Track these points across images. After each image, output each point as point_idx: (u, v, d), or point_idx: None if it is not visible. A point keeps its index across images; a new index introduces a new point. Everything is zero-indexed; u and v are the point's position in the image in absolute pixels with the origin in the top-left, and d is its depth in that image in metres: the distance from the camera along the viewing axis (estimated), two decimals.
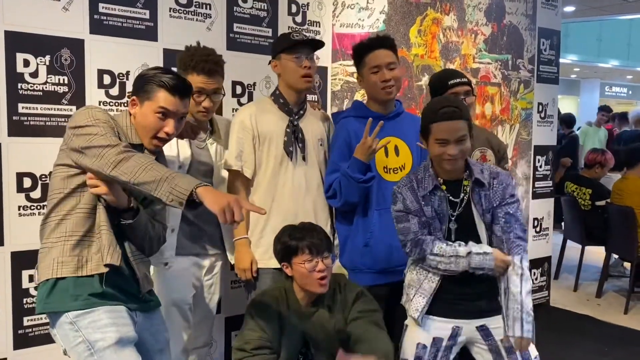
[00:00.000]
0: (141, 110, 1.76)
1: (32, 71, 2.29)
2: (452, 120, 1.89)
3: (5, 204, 2.27)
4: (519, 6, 4.05)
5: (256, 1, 2.84)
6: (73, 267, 1.66)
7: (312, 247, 2.03)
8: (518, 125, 4.14)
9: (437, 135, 1.90)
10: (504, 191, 2.00)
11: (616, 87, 20.94)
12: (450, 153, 1.90)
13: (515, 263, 1.94)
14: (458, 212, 1.99)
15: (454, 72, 2.59)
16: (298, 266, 2.03)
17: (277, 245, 2.10)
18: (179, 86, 1.76)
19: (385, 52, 2.26)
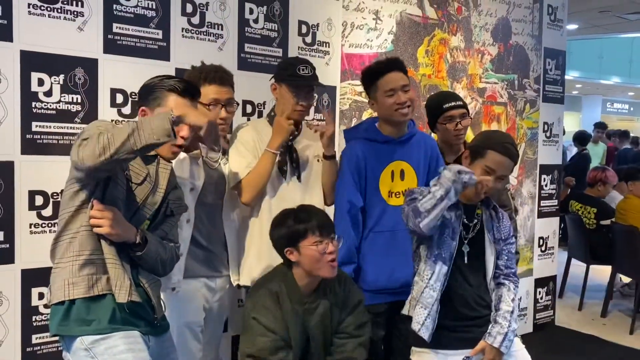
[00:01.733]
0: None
1: (46, 90, 2.31)
2: (509, 157, 1.98)
3: (17, 221, 2.28)
4: (525, 27, 4.09)
5: (267, 22, 2.88)
6: (84, 288, 1.65)
7: (322, 228, 1.96)
8: (524, 144, 4.16)
9: (490, 163, 1.97)
10: (509, 229, 2.12)
11: (617, 103, 21.02)
12: (490, 185, 1.95)
13: (510, 288, 2.09)
14: (471, 236, 2.04)
15: (450, 94, 2.66)
16: (308, 249, 1.94)
17: (280, 230, 2.01)
18: (189, 88, 1.77)
19: (398, 75, 2.28)
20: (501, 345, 1.98)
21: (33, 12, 2.27)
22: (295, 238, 1.97)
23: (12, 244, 2.28)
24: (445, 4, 3.63)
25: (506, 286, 2.09)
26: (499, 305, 2.06)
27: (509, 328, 2.01)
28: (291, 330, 1.98)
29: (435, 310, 1.98)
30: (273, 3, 2.89)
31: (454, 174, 1.87)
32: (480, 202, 2.09)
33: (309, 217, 1.96)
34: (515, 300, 2.08)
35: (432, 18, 3.57)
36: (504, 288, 2.08)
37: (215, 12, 2.71)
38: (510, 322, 2.02)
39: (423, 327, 1.98)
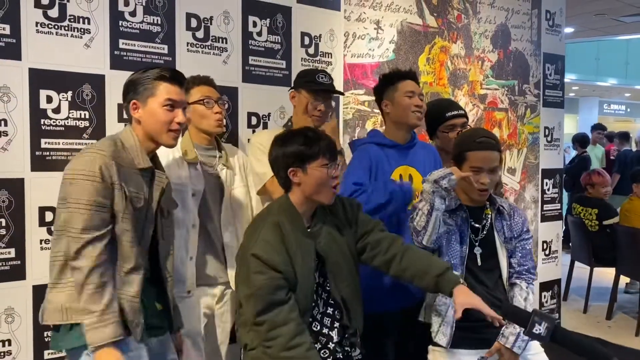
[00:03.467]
0: (146, 110, 1.77)
1: (55, 107, 2.33)
2: (488, 150, 2.02)
3: (28, 237, 2.30)
4: (524, 33, 4.13)
5: (270, 34, 2.91)
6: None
7: (331, 152, 1.89)
8: (525, 149, 4.19)
9: (473, 163, 2.01)
10: (522, 225, 2.13)
11: (614, 104, 21.09)
12: (482, 181, 1.99)
13: (522, 287, 2.08)
14: (481, 237, 2.06)
15: (451, 103, 2.68)
16: (315, 170, 1.85)
17: (288, 149, 1.88)
18: (176, 75, 1.81)
19: (414, 83, 2.40)
20: (513, 345, 1.99)
21: (41, 31, 2.29)
22: (304, 158, 1.86)
23: (23, 261, 2.29)
24: (445, 12, 3.67)
25: (518, 286, 2.11)
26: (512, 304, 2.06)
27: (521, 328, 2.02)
28: (298, 261, 1.85)
29: (451, 315, 2.00)
30: (276, 16, 2.92)
31: (432, 185, 1.95)
32: (487, 202, 2.11)
33: (318, 139, 1.88)
34: (529, 298, 2.08)
35: (432, 26, 3.60)
36: (516, 288, 2.11)
37: (220, 26, 2.74)
38: None
39: (439, 334, 2.00)
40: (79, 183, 1.64)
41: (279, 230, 1.84)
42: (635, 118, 21.73)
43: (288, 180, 1.89)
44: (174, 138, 1.81)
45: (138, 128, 1.80)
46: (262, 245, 1.80)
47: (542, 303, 4.36)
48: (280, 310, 1.77)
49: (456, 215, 2.07)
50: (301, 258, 1.84)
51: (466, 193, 2.10)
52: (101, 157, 1.67)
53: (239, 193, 2.40)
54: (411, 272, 1.90)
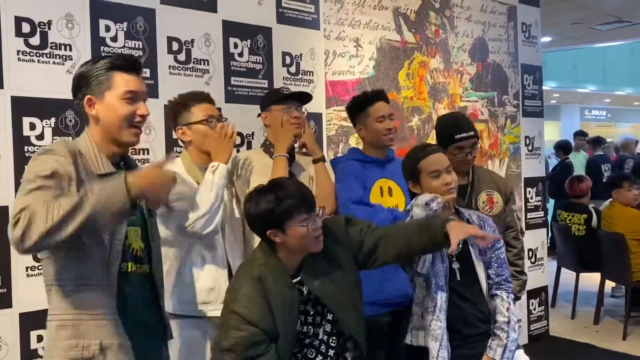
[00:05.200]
0: (104, 105, 1.57)
1: (38, 134, 2.34)
2: (434, 153, 2.08)
3: (13, 265, 2.29)
4: (501, 45, 4.22)
5: (252, 55, 2.95)
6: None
7: (306, 203, 1.78)
8: (507, 159, 4.25)
9: (429, 168, 2.05)
10: (494, 234, 2.12)
11: (595, 110, 21.41)
12: (446, 182, 2.03)
13: (503, 297, 2.11)
14: (457, 252, 2.03)
15: (463, 123, 2.55)
16: (296, 229, 1.75)
17: (259, 208, 1.76)
18: (131, 62, 1.62)
19: (385, 104, 2.49)
20: (502, 357, 2.01)
21: (22, 59, 2.31)
22: (280, 219, 1.75)
23: (9, 288, 2.28)
24: (423, 28, 3.74)
25: (499, 296, 2.11)
26: (495, 317, 2.09)
27: (507, 339, 2.03)
28: (280, 315, 1.78)
29: (446, 339, 2.00)
30: (256, 36, 2.97)
31: (422, 209, 1.97)
32: (457, 216, 2.10)
33: (289, 194, 1.75)
34: (511, 308, 2.09)
35: (410, 42, 3.67)
36: (497, 299, 2.11)
37: (201, 48, 2.78)
38: (508, 333, 2.04)
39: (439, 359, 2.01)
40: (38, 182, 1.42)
41: (261, 285, 1.78)
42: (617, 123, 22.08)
43: (269, 240, 1.81)
44: (136, 134, 1.61)
45: (95, 129, 1.60)
46: (243, 302, 1.76)
47: (530, 310, 4.40)
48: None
49: None
50: (283, 312, 1.79)
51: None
52: (55, 156, 1.47)
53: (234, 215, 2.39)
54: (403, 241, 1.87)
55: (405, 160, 2.16)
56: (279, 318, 1.78)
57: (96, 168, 1.56)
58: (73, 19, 2.42)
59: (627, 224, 4.61)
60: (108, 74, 1.57)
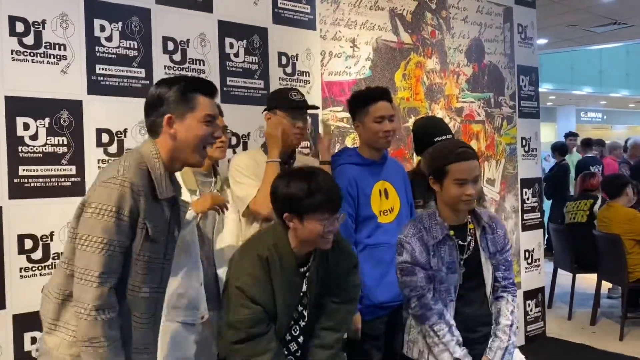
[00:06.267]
0: (184, 125, 1.62)
1: (32, 134, 2.32)
2: (469, 160, 1.95)
3: (7, 266, 2.27)
4: (497, 46, 4.22)
5: (247, 55, 2.94)
6: None
7: (333, 204, 1.80)
8: (504, 160, 4.25)
9: (456, 175, 1.93)
10: (504, 237, 2.10)
11: (591, 112, 21.48)
12: (468, 193, 1.93)
13: (508, 300, 2.08)
14: (466, 256, 2.02)
15: (441, 127, 2.62)
16: (312, 224, 1.79)
17: (289, 190, 1.80)
18: (212, 86, 1.70)
19: (387, 105, 2.41)
20: (501, 359, 2.00)
21: (16, 58, 2.30)
22: (303, 209, 1.78)
23: (2, 290, 2.26)
24: (419, 29, 3.74)
25: (504, 299, 2.08)
26: (498, 319, 2.06)
27: (509, 342, 2.02)
28: (280, 299, 1.86)
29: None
30: (252, 36, 2.96)
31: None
32: (469, 217, 2.05)
33: (322, 189, 1.77)
34: (515, 312, 2.07)
35: (407, 43, 3.67)
36: (502, 301, 2.08)
37: (196, 48, 2.77)
38: (510, 336, 2.03)
39: None
40: (104, 219, 1.51)
41: (266, 265, 1.82)
42: (612, 125, 22.14)
43: (283, 220, 1.84)
44: (203, 156, 1.69)
45: (166, 146, 1.64)
46: (247, 279, 1.82)
47: (527, 312, 4.40)
48: (259, 340, 1.83)
49: (444, 245, 1.99)
50: (283, 295, 1.86)
51: (451, 208, 2.00)
52: (130, 190, 1.53)
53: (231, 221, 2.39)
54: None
55: (434, 155, 2.02)
56: (280, 299, 1.86)
57: (160, 191, 1.62)
58: (68, 19, 2.41)
59: (624, 225, 4.62)
60: (191, 96, 1.64)
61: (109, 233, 1.51)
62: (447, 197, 1.98)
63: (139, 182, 1.56)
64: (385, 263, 2.36)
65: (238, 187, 2.32)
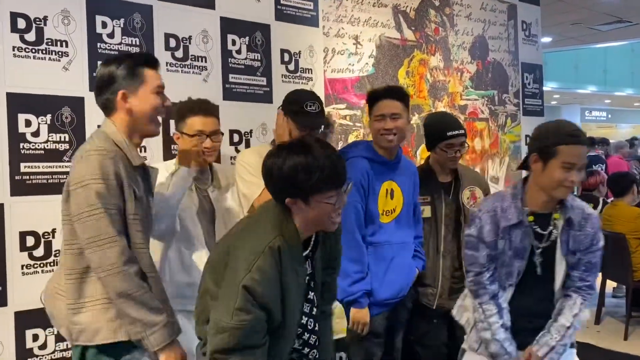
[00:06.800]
0: (138, 98, 1.74)
1: (34, 130, 2.32)
2: (583, 145, 1.83)
3: (9, 263, 2.27)
4: (501, 43, 4.20)
5: (250, 52, 2.93)
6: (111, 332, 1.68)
7: (338, 179, 1.57)
8: (507, 158, 4.23)
9: (566, 158, 1.80)
10: (593, 237, 1.95)
11: (596, 111, 21.41)
12: (572, 179, 1.81)
13: (576, 302, 1.96)
14: (545, 245, 1.93)
15: (453, 122, 2.64)
16: (321, 204, 1.55)
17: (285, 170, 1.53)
18: (155, 59, 1.82)
19: (391, 103, 2.32)
20: (545, 356, 1.92)
21: (18, 55, 2.29)
22: (307, 190, 1.54)
23: (4, 287, 2.26)
24: (423, 26, 3.72)
25: (572, 299, 1.96)
26: (557, 317, 1.96)
27: (558, 342, 1.92)
28: (290, 296, 1.61)
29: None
30: (255, 33, 2.95)
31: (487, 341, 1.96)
32: (557, 206, 1.93)
33: (321, 164, 1.52)
34: (579, 315, 1.96)
35: (410, 40, 3.65)
36: (569, 301, 1.97)
37: (199, 45, 2.76)
38: (562, 337, 1.93)
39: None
40: (94, 187, 1.60)
41: (277, 259, 1.55)
42: (617, 124, 22.07)
43: (286, 205, 1.59)
44: (157, 125, 1.81)
45: (123, 121, 1.74)
46: (257, 277, 1.51)
47: None
48: (252, 353, 1.54)
49: (517, 229, 1.92)
50: (292, 293, 1.61)
51: (545, 192, 1.88)
52: (108, 157, 1.64)
53: (233, 212, 2.36)
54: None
55: (544, 132, 1.88)
56: (289, 300, 1.59)
57: (132, 159, 1.73)
58: (69, 15, 2.40)
59: (629, 223, 4.58)
60: (140, 71, 1.74)
61: (103, 197, 1.61)
62: (547, 179, 1.85)
63: (115, 150, 1.68)
64: (387, 261, 2.35)
65: (243, 185, 2.29)
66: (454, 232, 2.60)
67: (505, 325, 1.95)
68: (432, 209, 2.57)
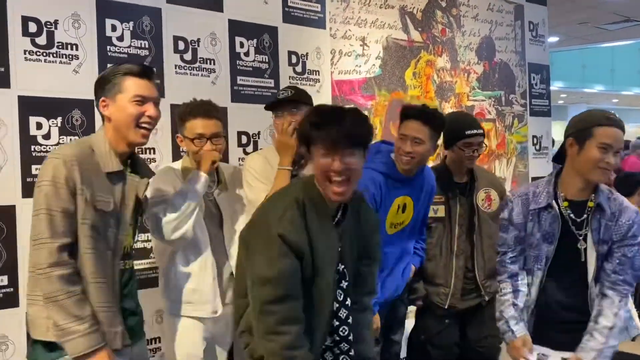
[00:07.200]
0: (116, 106, 1.74)
1: (45, 133, 2.35)
2: (619, 128, 1.86)
3: (20, 264, 2.29)
4: (508, 44, 4.20)
5: (257, 54, 2.95)
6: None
7: (333, 141, 1.56)
8: (514, 158, 4.23)
9: (603, 139, 1.82)
10: (629, 229, 1.92)
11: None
12: (609, 161, 1.83)
13: (614, 301, 1.92)
14: (584, 233, 1.93)
15: (473, 121, 2.62)
16: (315, 157, 1.61)
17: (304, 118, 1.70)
18: (144, 69, 1.79)
19: (418, 126, 2.22)
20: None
21: (29, 58, 2.32)
22: (309, 139, 1.61)
23: (16, 288, 2.29)
24: (430, 27, 3.73)
25: (609, 298, 1.92)
26: (597, 319, 1.91)
27: (604, 345, 1.87)
28: (319, 249, 1.63)
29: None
30: (262, 35, 2.96)
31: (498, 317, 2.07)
32: (592, 195, 1.93)
33: (330, 121, 1.57)
34: (620, 314, 1.91)
35: (417, 41, 3.66)
36: (606, 300, 1.92)
37: (207, 47, 2.78)
38: (607, 339, 1.88)
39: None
40: (43, 189, 1.64)
41: (302, 210, 1.61)
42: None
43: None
44: (143, 135, 1.76)
45: (109, 127, 1.77)
46: (289, 226, 1.57)
47: None
48: (294, 305, 1.57)
49: (546, 213, 1.96)
50: (321, 245, 1.63)
51: (581, 176, 1.90)
52: (63, 162, 1.65)
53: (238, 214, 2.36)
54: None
55: (581, 117, 1.95)
56: (318, 249, 1.61)
57: (105, 165, 1.73)
58: (79, 19, 2.43)
59: None
60: (122, 78, 1.74)
61: (48, 199, 1.64)
62: (584, 161, 1.87)
63: (75, 156, 1.67)
64: (387, 269, 2.36)
65: (249, 190, 2.28)
66: (468, 233, 2.58)
67: (515, 304, 2.02)
68: (447, 209, 2.56)
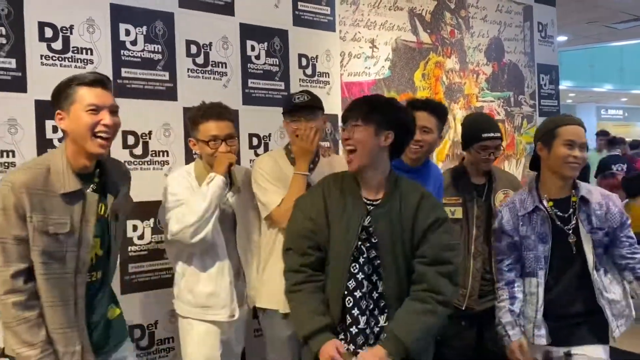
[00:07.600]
0: (70, 118, 1.69)
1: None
2: (578, 125, 2.08)
3: None
4: (517, 45, 4.20)
5: (268, 57, 2.98)
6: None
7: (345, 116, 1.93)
8: (523, 159, 4.24)
9: (566, 136, 2.03)
10: (621, 214, 2.11)
11: (612, 110, 21.18)
12: (575, 155, 2.01)
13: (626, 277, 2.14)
14: (573, 226, 2.08)
15: (491, 124, 2.61)
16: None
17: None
18: (97, 78, 1.73)
19: (424, 116, 2.33)
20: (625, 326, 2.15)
21: (45, 63, 2.36)
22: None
23: None
24: (438, 28, 3.75)
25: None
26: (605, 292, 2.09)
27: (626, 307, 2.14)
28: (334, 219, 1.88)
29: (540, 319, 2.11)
30: (273, 39, 3.00)
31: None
32: (573, 191, 2.10)
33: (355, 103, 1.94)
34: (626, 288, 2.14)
35: (426, 43, 3.68)
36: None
37: (219, 51, 2.81)
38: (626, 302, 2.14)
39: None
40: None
41: (321, 190, 1.94)
42: (634, 122, 21.81)
43: None
44: (100, 145, 1.70)
45: (68, 142, 1.73)
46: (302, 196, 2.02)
47: None
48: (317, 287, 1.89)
49: (536, 215, 2.11)
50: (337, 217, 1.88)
51: (556, 174, 2.07)
52: (11, 189, 1.63)
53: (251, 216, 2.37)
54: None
55: (544, 123, 2.18)
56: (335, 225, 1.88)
57: (60, 186, 1.67)
58: (94, 24, 2.47)
59: None
60: (75, 88, 1.69)
61: (5, 228, 1.63)
62: (554, 160, 2.06)
63: (24, 183, 1.63)
64: None
65: (261, 192, 2.27)
66: (485, 234, 2.54)
67: (513, 311, 2.13)
68: (464, 210, 2.54)
